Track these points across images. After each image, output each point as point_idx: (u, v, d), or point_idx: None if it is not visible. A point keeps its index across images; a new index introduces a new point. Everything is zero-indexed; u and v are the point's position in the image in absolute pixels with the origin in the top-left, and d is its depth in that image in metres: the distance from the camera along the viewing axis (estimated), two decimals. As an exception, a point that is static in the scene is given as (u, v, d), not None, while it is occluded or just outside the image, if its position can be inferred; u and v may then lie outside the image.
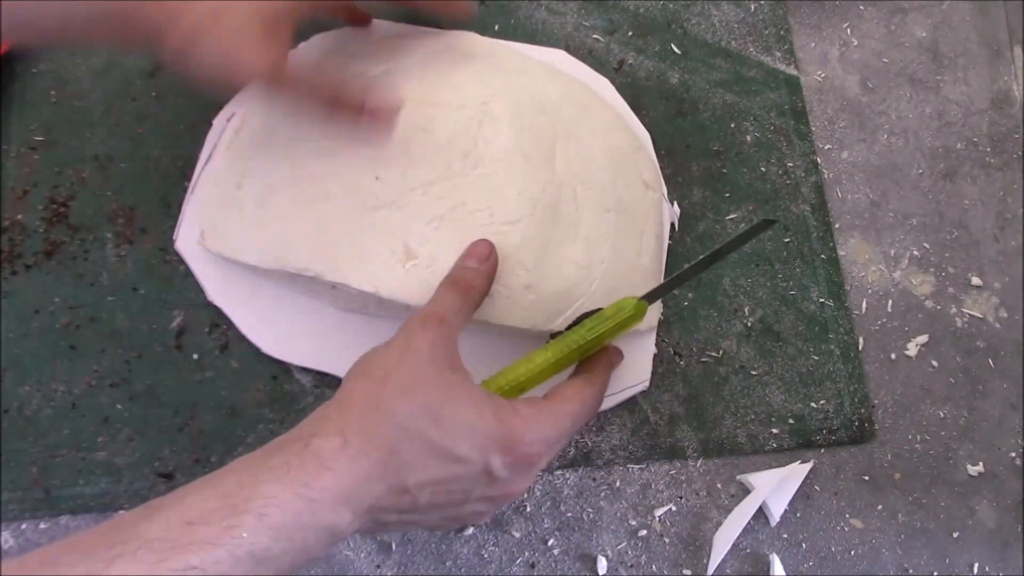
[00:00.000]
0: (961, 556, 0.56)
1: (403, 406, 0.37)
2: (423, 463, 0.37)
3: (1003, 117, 0.67)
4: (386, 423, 0.36)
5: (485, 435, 0.38)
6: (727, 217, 0.61)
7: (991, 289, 0.63)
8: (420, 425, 0.37)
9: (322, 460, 0.35)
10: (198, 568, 0.30)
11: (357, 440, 0.36)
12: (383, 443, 0.36)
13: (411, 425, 0.37)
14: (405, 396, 0.37)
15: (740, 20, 0.67)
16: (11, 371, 0.53)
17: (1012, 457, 0.59)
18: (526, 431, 0.39)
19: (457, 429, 0.37)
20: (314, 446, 0.35)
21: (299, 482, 0.34)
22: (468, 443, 0.37)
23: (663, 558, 0.54)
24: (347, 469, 0.35)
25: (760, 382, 0.58)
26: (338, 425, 0.36)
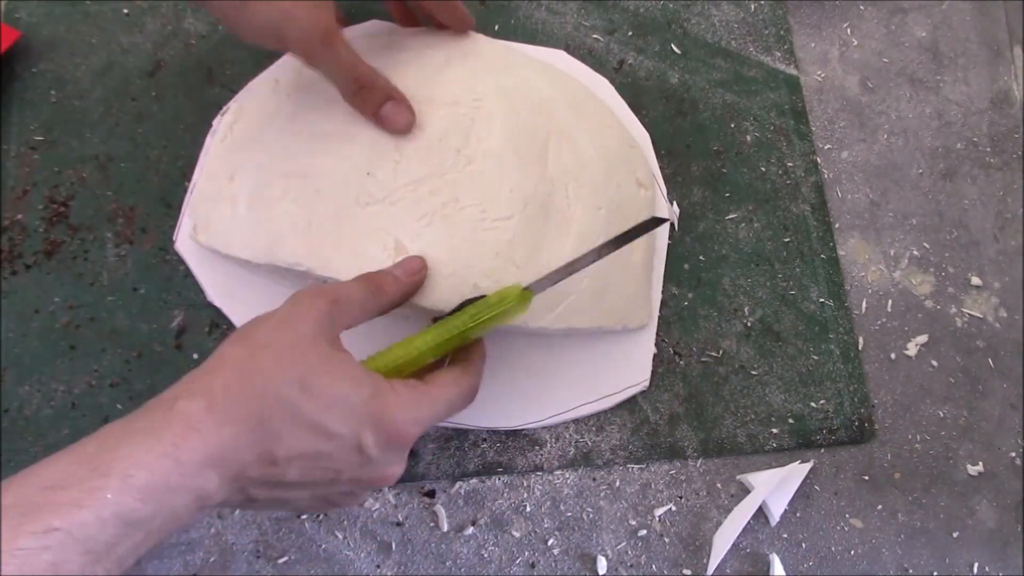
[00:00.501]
0: (961, 556, 0.56)
1: (276, 374, 0.36)
2: (293, 434, 0.36)
3: (1003, 117, 0.67)
4: (256, 389, 0.35)
5: (358, 410, 0.37)
6: (727, 217, 0.61)
7: (991, 289, 0.63)
8: (292, 395, 0.36)
9: (188, 421, 0.34)
10: (61, 528, 0.29)
11: (225, 404, 0.35)
12: (252, 409, 0.35)
13: (283, 394, 0.36)
14: (279, 365, 0.36)
15: (740, 20, 0.67)
16: (11, 371, 0.53)
17: (1012, 457, 0.59)
18: (400, 409, 0.38)
19: (330, 402, 0.36)
20: (179, 408, 0.34)
21: (165, 442, 0.33)
22: (340, 417, 0.37)
23: (663, 558, 0.54)
24: (214, 432, 0.34)
25: (760, 382, 0.58)
26: (205, 388, 0.35)
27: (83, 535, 0.30)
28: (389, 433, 0.38)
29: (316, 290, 0.40)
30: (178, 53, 0.61)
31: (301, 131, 0.51)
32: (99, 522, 0.30)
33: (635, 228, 0.45)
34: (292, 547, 0.52)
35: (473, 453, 0.54)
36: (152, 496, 0.32)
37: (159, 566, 0.50)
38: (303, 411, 0.36)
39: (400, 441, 0.39)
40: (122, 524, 0.31)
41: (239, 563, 0.51)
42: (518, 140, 0.50)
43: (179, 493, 0.33)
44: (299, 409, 0.36)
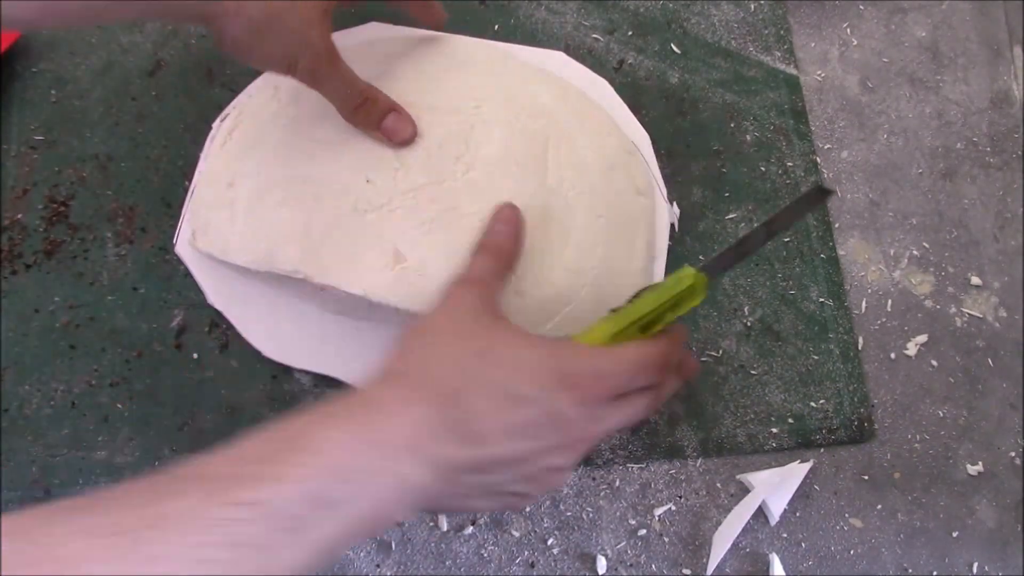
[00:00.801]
0: (961, 556, 0.56)
1: (458, 350, 0.37)
2: (488, 406, 0.35)
3: (1003, 117, 0.67)
4: (443, 367, 0.36)
5: (543, 368, 0.37)
6: (727, 217, 0.61)
7: (991, 289, 0.63)
8: (477, 366, 0.36)
9: (381, 406, 0.34)
10: (263, 501, 0.29)
11: (415, 387, 0.35)
12: (443, 388, 0.35)
13: (468, 367, 0.36)
14: (459, 342, 0.37)
15: (740, 20, 0.67)
16: (11, 371, 0.53)
17: (1012, 457, 0.59)
18: (585, 364, 0.38)
19: (516, 366, 0.36)
20: (371, 395, 0.35)
21: (362, 425, 0.33)
22: (528, 378, 0.36)
23: (663, 557, 0.54)
24: (408, 415, 0.34)
25: (760, 382, 0.58)
26: (394, 377, 0.36)
27: (285, 510, 0.29)
28: (581, 389, 0.37)
29: (459, 279, 0.43)
30: (178, 53, 0.61)
31: (300, 137, 0.51)
32: (301, 498, 0.30)
33: (803, 200, 0.44)
34: (292, 547, 0.51)
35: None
36: (352, 477, 0.31)
37: (159, 566, 0.50)
38: (491, 379, 0.36)
39: (591, 394, 0.37)
40: (323, 503, 0.30)
41: (239, 563, 0.51)
42: (517, 148, 0.50)
43: (380, 477, 0.32)
44: (488, 378, 0.36)
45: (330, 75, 0.47)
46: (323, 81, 0.47)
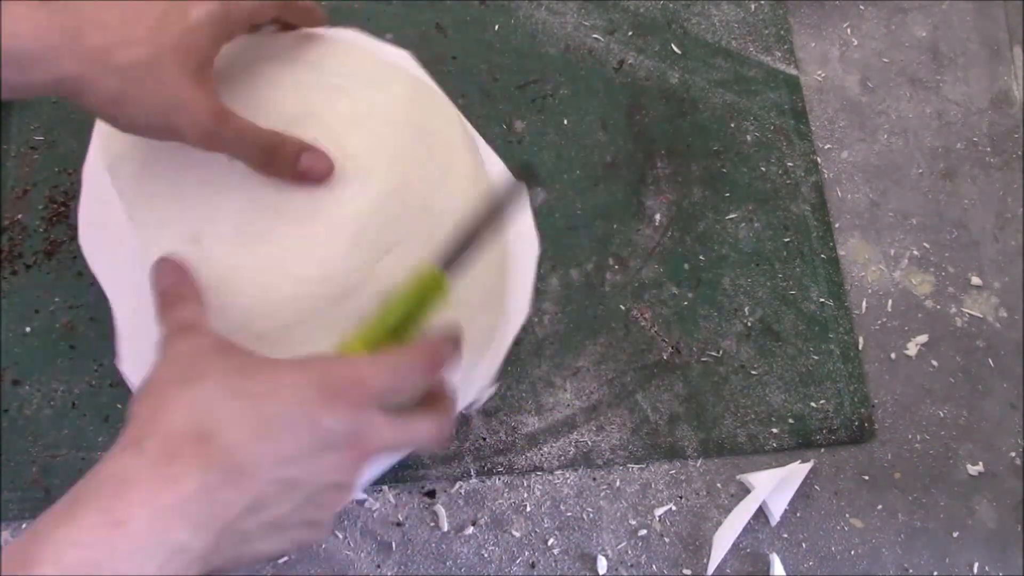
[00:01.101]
0: (961, 556, 0.56)
1: (199, 393, 0.32)
2: (246, 436, 0.32)
3: (1003, 117, 0.67)
4: (187, 414, 0.32)
5: (301, 386, 0.34)
6: (727, 217, 0.61)
7: (991, 289, 0.63)
8: (226, 401, 0.32)
9: (121, 478, 0.30)
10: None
11: (158, 441, 0.31)
12: (192, 435, 0.31)
13: (215, 405, 0.32)
14: (197, 380, 0.33)
15: (740, 20, 0.67)
16: (11, 371, 0.53)
17: (1012, 457, 0.59)
18: (342, 372, 0.35)
19: (269, 390, 0.33)
20: (107, 470, 0.30)
21: (96, 509, 0.29)
22: (286, 399, 0.33)
23: (663, 558, 0.54)
24: (155, 475, 0.30)
25: (760, 382, 0.58)
26: (130, 441, 0.31)
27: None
28: (339, 395, 0.34)
29: (166, 331, 0.39)
30: (178, 53, 0.61)
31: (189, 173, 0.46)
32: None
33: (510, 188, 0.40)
34: (292, 547, 0.52)
35: (473, 453, 0.54)
36: (96, 568, 0.27)
37: (159, 566, 0.50)
38: (244, 409, 0.32)
39: (353, 401, 0.34)
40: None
41: (239, 563, 0.51)
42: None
43: (137, 558, 0.28)
44: (238, 409, 0.32)
45: (223, 135, 0.41)
46: (218, 143, 0.41)
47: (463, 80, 0.61)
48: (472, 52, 0.62)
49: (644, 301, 0.59)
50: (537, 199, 0.57)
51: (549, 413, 0.56)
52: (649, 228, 0.60)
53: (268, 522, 0.33)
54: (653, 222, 0.60)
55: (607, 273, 0.59)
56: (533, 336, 0.57)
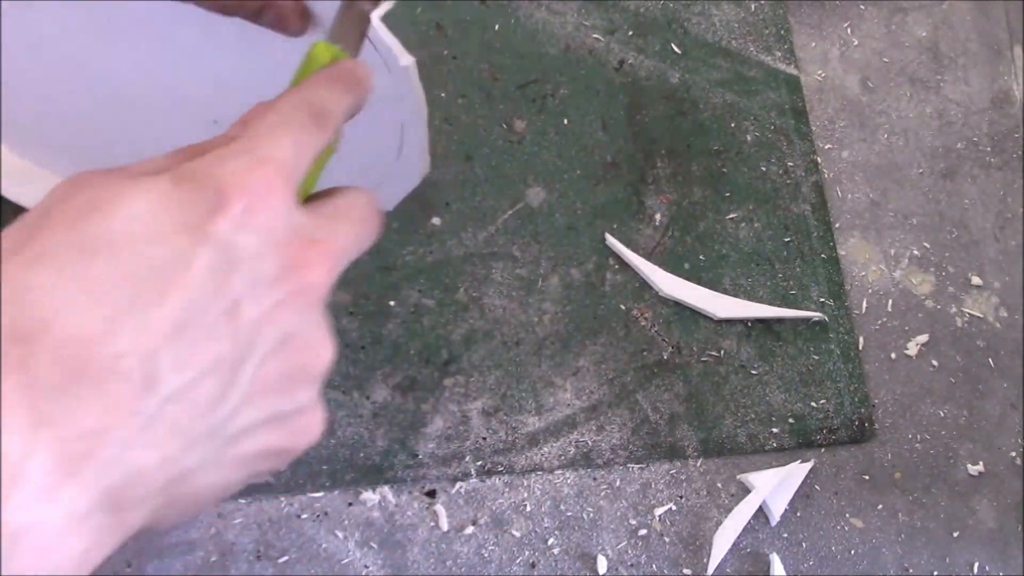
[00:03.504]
0: (961, 556, 0.56)
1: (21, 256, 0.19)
2: (95, 313, 0.19)
3: (1003, 117, 0.67)
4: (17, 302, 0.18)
5: (165, 204, 0.20)
6: (727, 216, 0.61)
7: (991, 289, 0.63)
8: (55, 260, 0.19)
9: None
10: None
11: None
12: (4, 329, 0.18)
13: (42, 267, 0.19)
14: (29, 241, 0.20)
15: (740, 20, 0.67)
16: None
17: (1012, 457, 0.59)
18: (216, 165, 0.21)
19: (112, 216, 0.20)
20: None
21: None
22: (150, 234, 0.20)
23: (663, 557, 0.54)
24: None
25: (760, 382, 0.58)
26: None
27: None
28: (229, 180, 0.21)
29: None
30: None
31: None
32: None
33: None
34: (292, 547, 0.51)
35: (473, 453, 0.54)
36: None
37: (159, 566, 0.50)
38: (85, 270, 0.19)
39: (257, 181, 0.21)
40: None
41: (239, 563, 0.51)
42: None
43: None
44: (75, 273, 0.19)
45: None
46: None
47: (463, 80, 0.61)
48: (472, 52, 0.62)
49: (644, 301, 0.59)
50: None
51: (549, 413, 0.56)
52: (649, 228, 0.60)
53: (192, 437, 0.20)
54: (653, 222, 0.61)
55: (607, 273, 0.59)
56: (533, 336, 0.57)
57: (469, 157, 0.59)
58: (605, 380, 0.57)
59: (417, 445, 0.54)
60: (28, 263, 0.19)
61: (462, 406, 0.54)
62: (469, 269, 0.57)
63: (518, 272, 0.58)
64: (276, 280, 0.21)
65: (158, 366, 0.19)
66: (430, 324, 0.55)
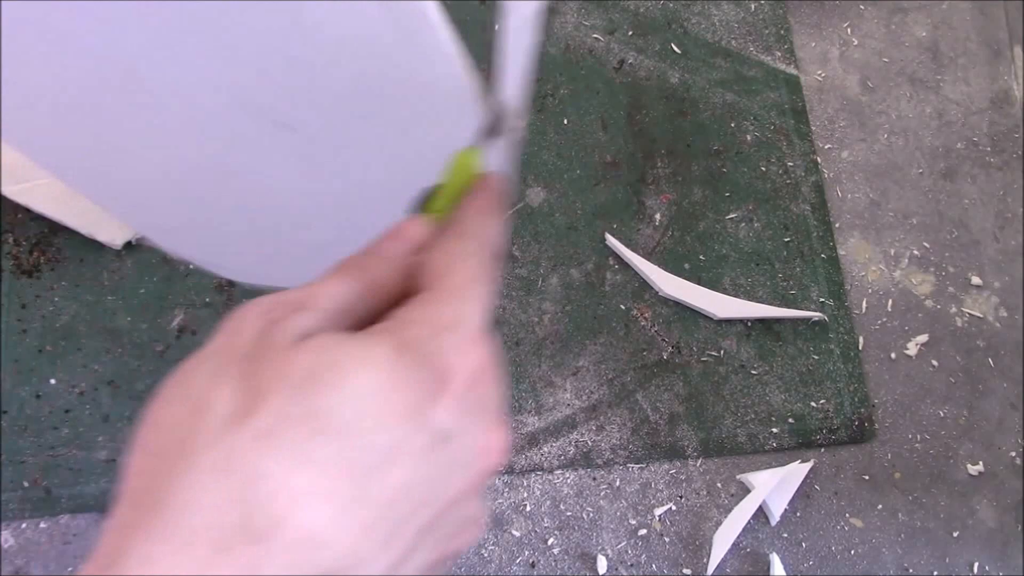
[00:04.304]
0: (961, 555, 0.56)
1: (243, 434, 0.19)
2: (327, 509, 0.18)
3: (1003, 117, 0.67)
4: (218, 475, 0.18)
5: (383, 383, 0.20)
6: (727, 216, 0.61)
7: (991, 289, 0.63)
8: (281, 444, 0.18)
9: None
10: None
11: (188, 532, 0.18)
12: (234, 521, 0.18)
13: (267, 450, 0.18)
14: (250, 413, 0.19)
15: (740, 20, 0.67)
16: (11, 371, 0.53)
17: (1012, 457, 0.59)
18: (434, 339, 0.21)
19: (336, 399, 0.19)
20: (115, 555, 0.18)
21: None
22: (377, 416, 0.19)
23: (663, 557, 0.54)
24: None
25: (760, 382, 0.58)
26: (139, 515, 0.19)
27: None
28: (447, 382, 0.21)
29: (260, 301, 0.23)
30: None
31: None
32: None
33: None
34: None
35: (473, 453, 0.54)
36: None
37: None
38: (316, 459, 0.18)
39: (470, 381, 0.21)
40: None
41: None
42: None
43: None
44: (307, 462, 0.18)
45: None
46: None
47: (463, 80, 0.61)
48: (472, 52, 0.62)
49: (644, 301, 0.59)
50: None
51: (549, 413, 0.55)
52: (649, 228, 0.60)
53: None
54: (653, 222, 0.60)
55: (607, 273, 0.59)
56: (533, 336, 0.57)
57: (469, 157, 0.59)
58: (605, 380, 0.57)
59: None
60: (257, 443, 0.18)
61: (462, 406, 0.54)
62: (469, 269, 0.57)
63: (518, 272, 0.58)
64: (470, 464, 0.22)
65: (370, 559, 0.19)
66: (430, 324, 0.55)
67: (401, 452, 0.20)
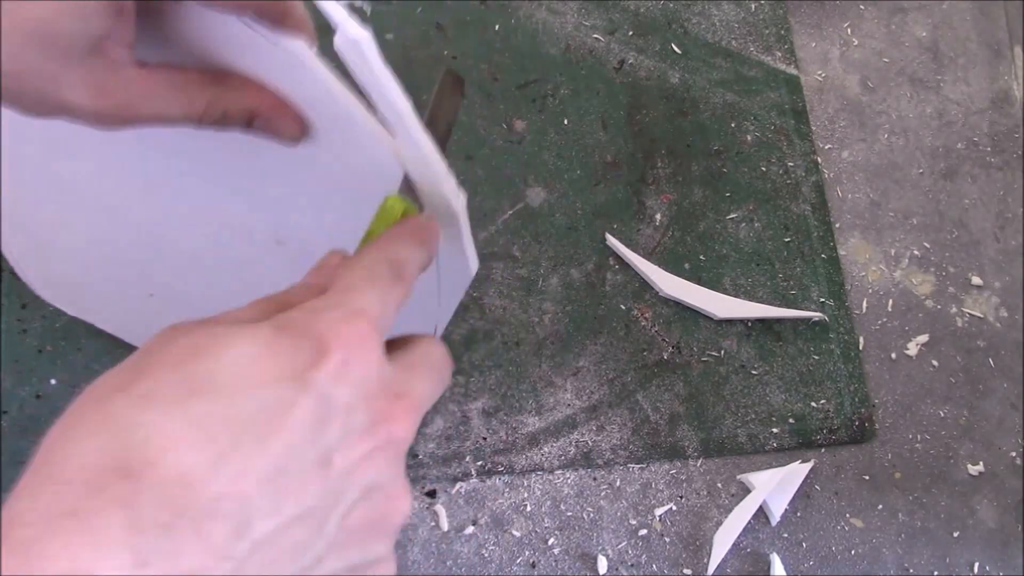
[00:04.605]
0: (961, 556, 0.56)
1: (127, 395, 0.20)
2: (199, 454, 0.19)
3: (1003, 117, 0.67)
4: (102, 427, 0.20)
5: (259, 343, 0.21)
6: (727, 217, 0.61)
7: (991, 289, 0.63)
8: (162, 401, 0.19)
9: (10, 538, 0.18)
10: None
11: (60, 480, 0.19)
12: (105, 463, 0.19)
13: (148, 406, 0.19)
14: (134, 382, 0.20)
15: (740, 20, 0.67)
16: (11, 371, 0.53)
17: (1012, 457, 0.59)
18: (312, 316, 0.22)
19: (219, 364, 0.20)
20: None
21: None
22: (246, 371, 0.20)
23: (663, 557, 0.54)
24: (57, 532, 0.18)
25: (760, 382, 0.58)
26: (26, 481, 0.21)
27: None
28: (331, 335, 0.21)
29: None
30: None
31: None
32: None
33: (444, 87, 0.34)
34: (292, 547, 0.52)
35: (473, 453, 0.54)
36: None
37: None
38: (192, 414, 0.19)
39: (352, 337, 0.22)
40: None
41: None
42: None
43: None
44: (184, 416, 0.19)
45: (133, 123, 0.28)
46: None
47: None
48: (472, 52, 0.62)
49: (644, 301, 0.59)
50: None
51: (549, 413, 0.55)
52: (649, 228, 0.60)
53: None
54: (653, 222, 0.60)
55: (607, 273, 0.59)
56: (533, 336, 0.57)
57: (469, 157, 0.59)
58: (605, 380, 0.57)
59: (417, 445, 0.54)
60: (135, 401, 0.20)
61: (462, 406, 0.54)
62: (469, 269, 0.57)
63: (518, 272, 0.57)
64: (366, 433, 0.22)
65: (253, 511, 0.19)
66: (430, 324, 0.55)
67: (287, 411, 0.20)
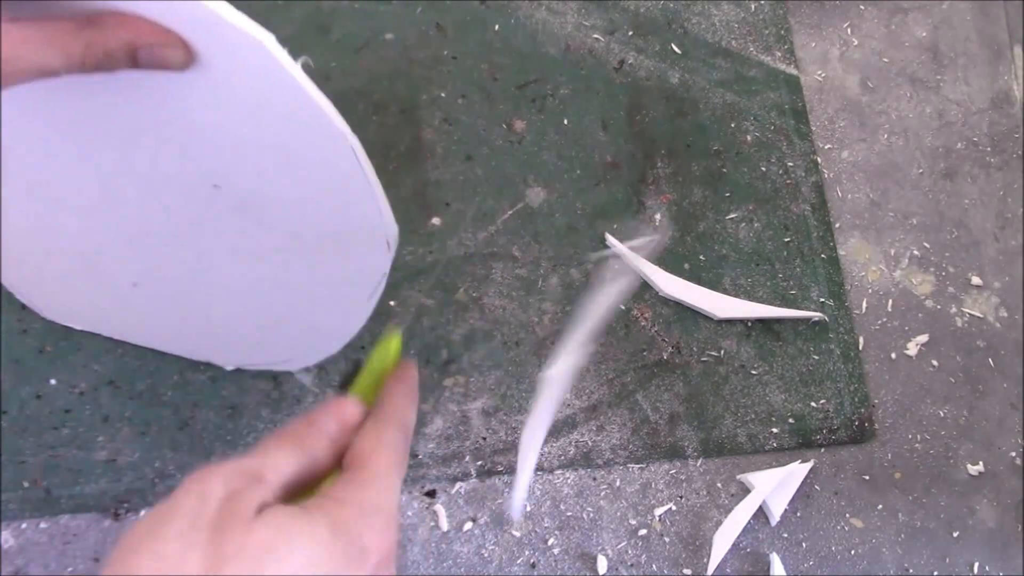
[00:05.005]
0: (961, 555, 0.56)
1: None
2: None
3: (1003, 117, 0.68)
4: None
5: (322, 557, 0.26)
6: (727, 217, 0.61)
7: (991, 289, 0.63)
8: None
9: None
10: None
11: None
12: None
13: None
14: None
15: (740, 20, 0.67)
16: (11, 371, 0.53)
17: (1012, 457, 0.59)
18: (360, 521, 0.28)
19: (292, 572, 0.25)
20: None
21: None
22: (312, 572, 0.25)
23: (663, 557, 0.54)
24: None
25: (760, 382, 0.58)
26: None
27: None
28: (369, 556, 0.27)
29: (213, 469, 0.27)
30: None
31: None
32: None
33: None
34: (292, 547, 0.51)
35: (473, 453, 0.54)
36: None
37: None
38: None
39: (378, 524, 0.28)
40: None
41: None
42: None
43: None
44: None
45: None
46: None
47: (463, 80, 0.61)
48: (472, 52, 0.62)
49: (644, 301, 0.59)
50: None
51: (549, 413, 0.56)
52: (649, 228, 0.60)
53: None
54: (653, 222, 0.61)
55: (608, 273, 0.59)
56: (533, 336, 0.57)
57: (469, 157, 0.59)
58: (605, 380, 0.57)
59: (417, 445, 0.54)
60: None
61: (462, 406, 0.54)
62: (469, 269, 0.57)
63: (518, 272, 0.58)
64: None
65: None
66: (430, 324, 0.55)
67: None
